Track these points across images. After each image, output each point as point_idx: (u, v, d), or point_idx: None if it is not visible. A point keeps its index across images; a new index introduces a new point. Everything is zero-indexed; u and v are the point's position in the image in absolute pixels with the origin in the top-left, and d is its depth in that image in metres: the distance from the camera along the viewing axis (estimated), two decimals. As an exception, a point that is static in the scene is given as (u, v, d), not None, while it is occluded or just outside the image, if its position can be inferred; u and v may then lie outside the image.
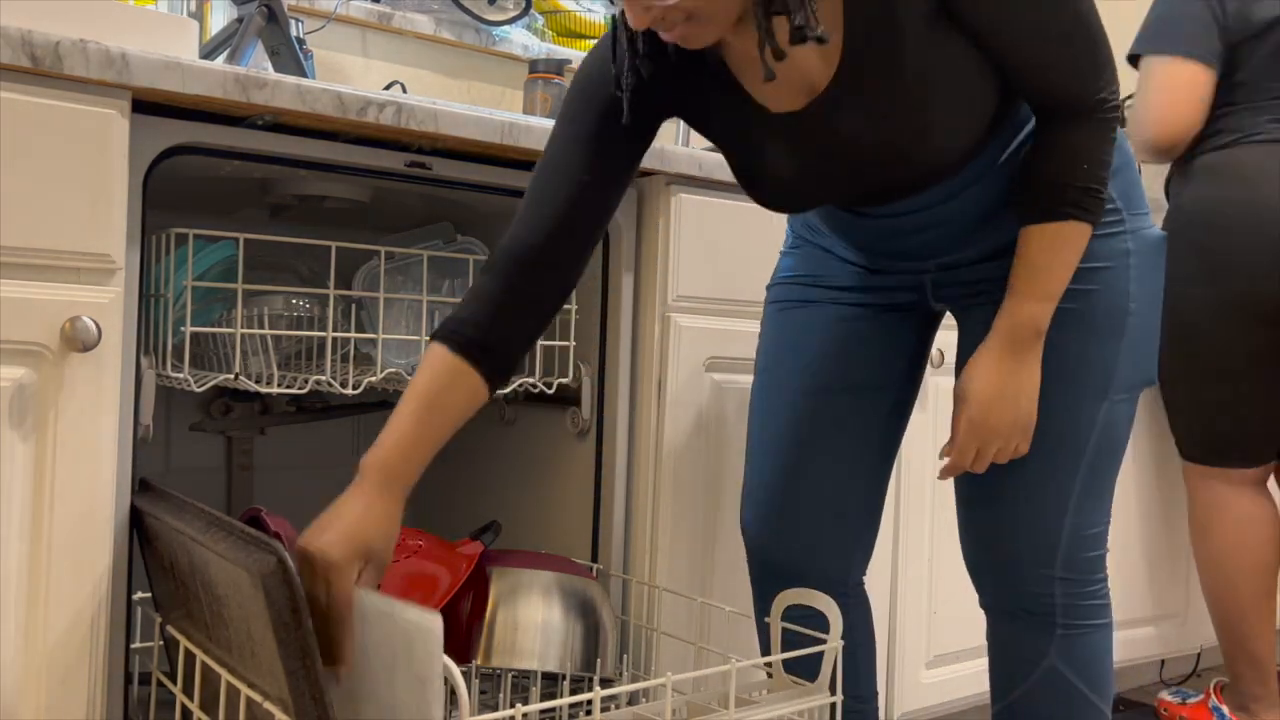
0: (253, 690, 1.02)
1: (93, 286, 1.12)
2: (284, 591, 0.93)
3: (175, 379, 1.28)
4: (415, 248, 1.47)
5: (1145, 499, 2.23)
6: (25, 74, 1.07)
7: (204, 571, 1.07)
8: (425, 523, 1.91)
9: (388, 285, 1.47)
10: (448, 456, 1.89)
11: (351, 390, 1.35)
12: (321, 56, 1.98)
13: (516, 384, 1.47)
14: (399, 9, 2.06)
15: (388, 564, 1.06)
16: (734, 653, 1.27)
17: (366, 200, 1.51)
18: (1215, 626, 2.08)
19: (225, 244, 1.34)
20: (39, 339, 1.08)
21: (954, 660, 1.89)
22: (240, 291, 1.29)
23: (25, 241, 1.07)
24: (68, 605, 1.10)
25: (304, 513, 1.85)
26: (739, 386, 1.59)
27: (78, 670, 1.11)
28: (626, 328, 1.53)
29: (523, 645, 1.28)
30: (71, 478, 1.10)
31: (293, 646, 0.94)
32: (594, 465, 1.55)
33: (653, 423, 1.52)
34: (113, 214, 1.12)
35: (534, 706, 1.01)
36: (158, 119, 1.18)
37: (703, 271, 1.54)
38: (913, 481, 1.81)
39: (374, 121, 1.27)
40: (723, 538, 1.58)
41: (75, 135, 1.09)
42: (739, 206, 1.58)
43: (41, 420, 1.09)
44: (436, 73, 2.13)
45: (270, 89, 1.20)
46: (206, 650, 1.13)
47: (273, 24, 1.57)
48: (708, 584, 1.57)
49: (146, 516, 1.16)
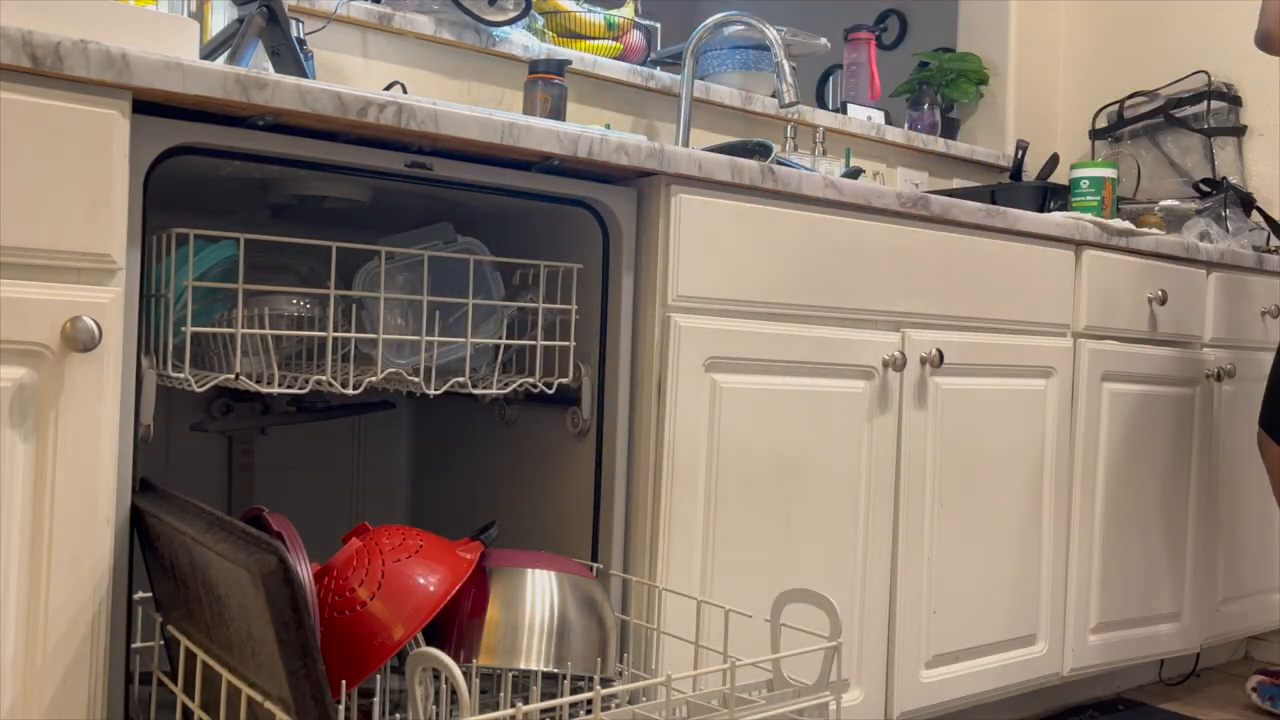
0: (254, 690, 1.02)
1: (93, 286, 1.12)
2: (285, 591, 0.93)
3: (176, 379, 1.28)
4: (415, 248, 1.47)
5: (1146, 498, 2.23)
6: (25, 74, 1.07)
7: (205, 571, 1.07)
8: (425, 523, 1.92)
9: (388, 285, 1.47)
10: (448, 456, 1.90)
11: (352, 390, 1.35)
12: (322, 57, 1.98)
13: (517, 384, 1.47)
14: (399, 9, 2.06)
15: None
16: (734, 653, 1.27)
17: (366, 200, 1.51)
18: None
19: (225, 244, 1.34)
20: (39, 339, 1.08)
21: (954, 660, 1.90)
22: (240, 291, 1.29)
23: (25, 241, 1.07)
24: (68, 605, 1.10)
25: (304, 513, 1.87)
26: (739, 387, 1.59)
27: (78, 670, 1.11)
28: (626, 328, 1.53)
29: (523, 645, 1.28)
30: (71, 478, 1.10)
31: (293, 646, 0.94)
32: (594, 465, 1.55)
33: (653, 423, 1.52)
34: (113, 214, 1.12)
35: (534, 706, 1.02)
36: (158, 119, 1.18)
37: (703, 271, 1.54)
38: (913, 480, 1.81)
39: (374, 121, 1.27)
40: (723, 537, 1.58)
41: (76, 135, 1.09)
42: (739, 206, 1.58)
43: (42, 420, 1.09)
44: (436, 73, 2.13)
45: (270, 89, 1.20)
46: (207, 650, 1.13)
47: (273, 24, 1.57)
48: (708, 584, 1.57)
49: (147, 516, 1.16)
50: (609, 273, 1.54)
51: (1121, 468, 2.18)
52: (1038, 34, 3.12)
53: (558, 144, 1.41)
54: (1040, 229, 1.99)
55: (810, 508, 1.68)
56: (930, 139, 2.90)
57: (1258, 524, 2.52)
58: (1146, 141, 2.93)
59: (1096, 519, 2.13)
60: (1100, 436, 2.14)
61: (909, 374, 1.80)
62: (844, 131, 2.71)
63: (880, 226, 1.75)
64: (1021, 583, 2.00)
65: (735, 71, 2.49)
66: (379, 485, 1.97)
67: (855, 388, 1.73)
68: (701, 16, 2.45)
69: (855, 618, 1.75)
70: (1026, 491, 2.00)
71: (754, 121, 2.60)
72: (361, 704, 1.37)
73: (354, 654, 1.18)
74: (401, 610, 1.19)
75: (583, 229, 1.57)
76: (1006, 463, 1.96)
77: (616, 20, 2.34)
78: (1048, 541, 2.04)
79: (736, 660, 1.16)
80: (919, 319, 1.82)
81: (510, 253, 1.65)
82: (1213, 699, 2.39)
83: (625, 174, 1.53)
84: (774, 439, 1.63)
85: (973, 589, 1.92)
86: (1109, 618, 2.16)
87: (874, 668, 1.78)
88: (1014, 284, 1.96)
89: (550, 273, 1.55)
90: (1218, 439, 2.40)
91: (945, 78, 3.00)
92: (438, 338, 1.43)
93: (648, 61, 2.42)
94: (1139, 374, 2.21)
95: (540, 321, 1.51)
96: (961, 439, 1.88)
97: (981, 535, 1.93)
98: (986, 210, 1.90)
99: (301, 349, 1.48)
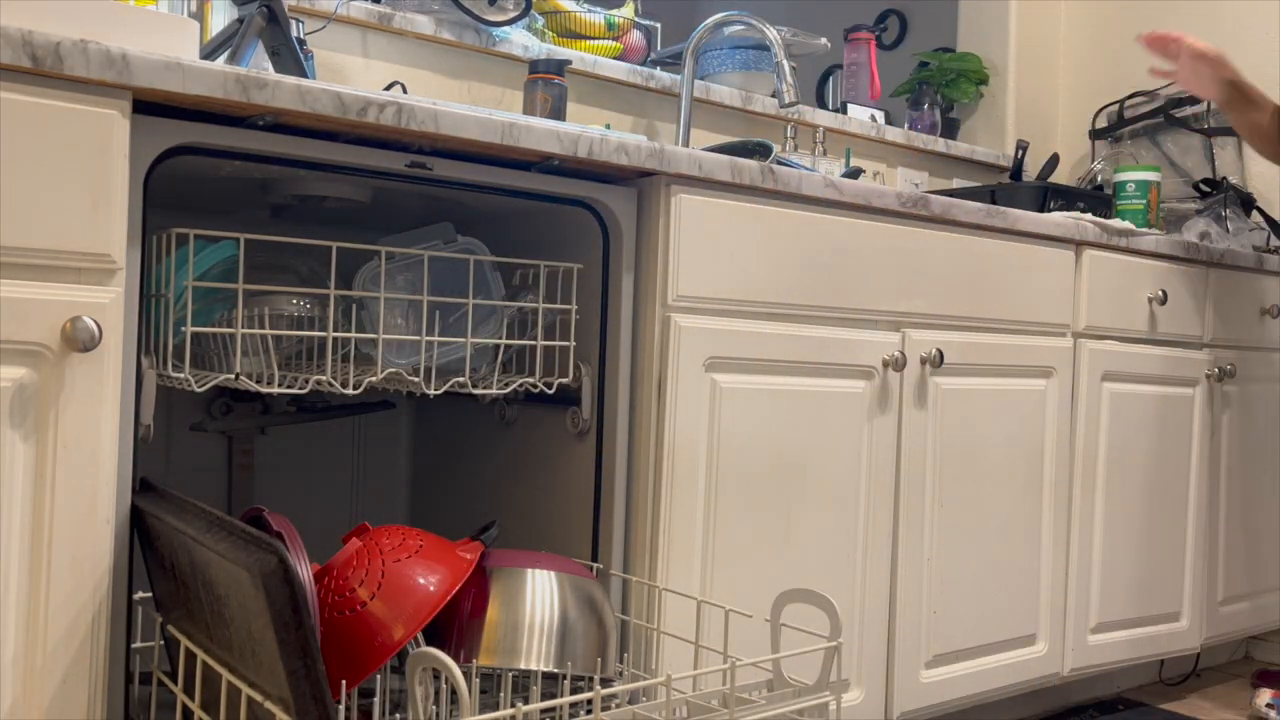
0: (254, 690, 1.02)
1: (93, 286, 1.12)
2: (285, 591, 0.93)
3: (176, 379, 1.28)
4: (415, 248, 1.47)
5: (1146, 498, 2.23)
6: (26, 74, 1.07)
7: (205, 571, 1.07)
8: (425, 523, 1.92)
9: (389, 285, 1.47)
10: (448, 456, 1.90)
11: (352, 390, 1.35)
12: (322, 57, 1.98)
13: (517, 383, 1.47)
14: (399, 9, 2.06)
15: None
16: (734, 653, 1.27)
17: (366, 200, 1.51)
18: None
19: (226, 244, 1.34)
20: (39, 339, 1.08)
21: (954, 660, 1.90)
22: (240, 291, 1.29)
23: (25, 241, 1.07)
24: (68, 605, 1.10)
25: (304, 513, 1.87)
26: (739, 386, 1.59)
27: (78, 670, 1.11)
28: (626, 328, 1.53)
29: (523, 645, 1.28)
30: (71, 478, 1.10)
31: (293, 646, 0.94)
32: (594, 465, 1.55)
33: (653, 423, 1.52)
34: (113, 214, 1.12)
35: (534, 706, 1.02)
36: (158, 119, 1.18)
37: (703, 271, 1.54)
38: (913, 480, 1.81)
39: (374, 122, 1.27)
40: (723, 537, 1.58)
41: (76, 135, 1.09)
42: (739, 206, 1.58)
43: (42, 420, 1.09)
44: (436, 73, 2.13)
45: (270, 89, 1.20)
46: (207, 650, 1.13)
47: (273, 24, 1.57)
48: (708, 584, 1.57)
49: (147, 516, 1.16)
50: (609, 273, 1.54)
51: (1121, 468, 2.18)
52: (1038, 34, 3.12)
53: (558, 144, 1.41)
54: (1040, 229, 1.99)
55: (810, 508, 1.68)
56: (930, 139, 2.90)
57: (1258, 524, 2.52)
58: (1146, 141, 2.93)
59: (1097, 519, 2.13)
60: (1100, 436, 2.14)
61: (909, 374, 1.80)
62: (844, 131, 2.71)
63: (880, 226, 1.75)
64: (1021, 583, 2.00)
65: (735, 71, 2.49)
66: (379, 485, 1.97)
67: (855, 388, 1.73)
68: (701, 16, 2.45)
69: (855, 618, 1.75)
70: (1026, 491, 2.00)
71: (754, 121, 2.60)
72: (361, 704, 1.37)
73: (354, 654, 1.18)
74: (401, 610, 1.19)
75: (583, 229, 1.57)
76: (1007, 463, 1.96)
77: (616, 20, 2.34)
78: (1048, 541, 2.04)
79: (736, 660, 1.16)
80: (919, 319, 1.82)
81: (510, 253, 1.65)
82: (1213, 699, 2.39)
83: (625, 174, 1.53)
84: (774, 439, 1.63)
85: (973, 589, 1.92)
86: (1109, 618, 2.16)
87: (874, 668, 1.78)
88: (1014, 284, 1.96)
89: (550, 273, 1.55)
90: (1218, 439, 2.40)
91: (945, 78, 3.00)
92: (438, 338, 1.43)
93: (648, 61, 2.42)
94: (1139, 374, 2.21)
95: (540, 321, 1.51)
96: (961, 439, 1.88)
97: (982, 535, 1.93)
98: (986, 210, 1.90)
99: (301, 349, 1.48)
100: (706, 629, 1.52)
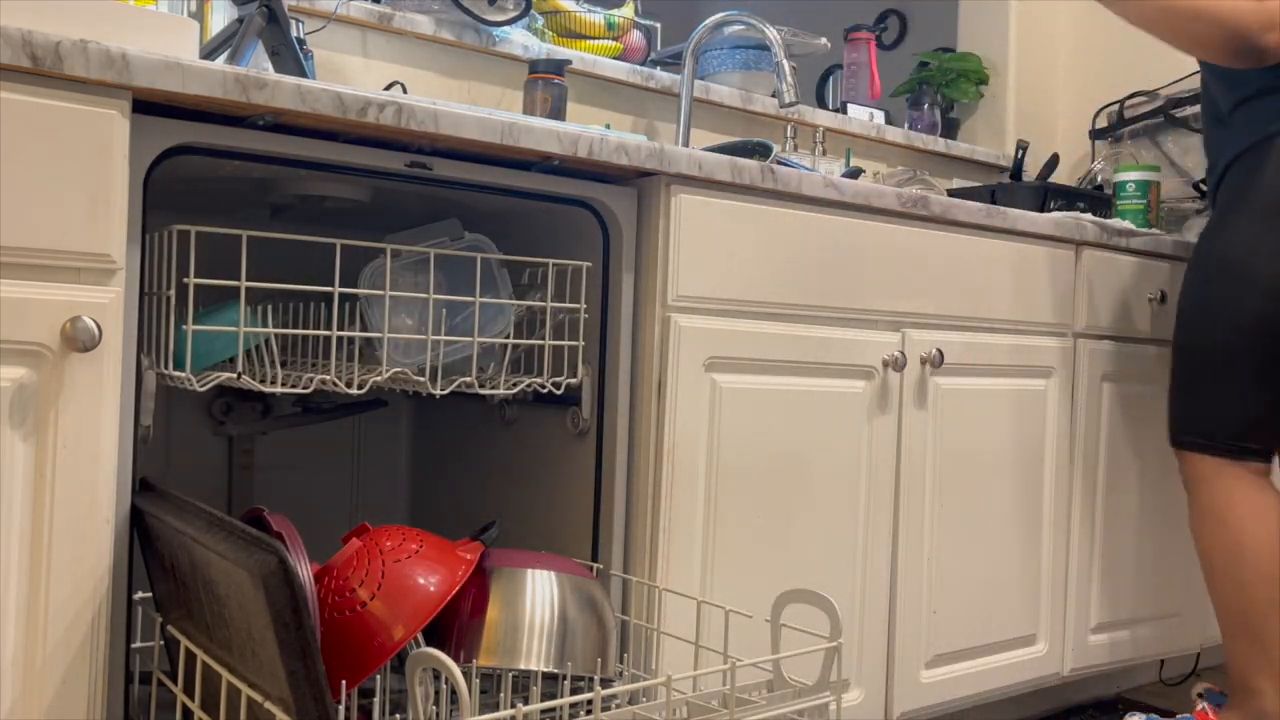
0: (254, 690, 1.02)
1: (93, 286, 1.12)
2: (285, 591, 0.93)
3: (177, 378, 1.27)
4: (422, 245, 1.46)
5: (1145, 498, 2.23)
6: (25, 74, 1.07)
7: (205, 571, 1.07)
8: (425, 523, 1.92)
9: (395, 283, 1.46)
10: (448, 456, 1.90)
11: (356, 390, 1.34)
12: (321, 57, 1.98)
13: (525, 384, 1.47)
14: (399, 9, 2.06)
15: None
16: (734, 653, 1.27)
17: (367, 200, 1.51)
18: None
19: (232, 304, 1.33)
20: (39, 339, 1.08)
21: (954, 660, 1.90)
22: (243, 289, 1.29)
23: (25, 241, 1.07)
24: (68, 605, 1.10)
25: (304, 513, 1.87)
26: (739, 387, 1.59)
27: (78, 670, 1.11)
28: (626, 327, 1.53)
29: (523, 645, 1.28)
30: (71, 478, 1.10)
31: (293, 646, 0.94)
32: (594, 465, 1.55)
33: (653, 423, 1.52)
34: (113, 214, 1.12)
35: (534, 706, 1.02)
36: (158, 119, 1.18)
37: (703, 271, 1.54)
38: (913, 480, 1.81)
39: (374, 121, 1.27)
40: (723, 537, 1.58)
41: (75, 135, 1.09)
42: (739, 206, 1.58)
43: (41, 420, 1.09)
44: (436, 73, 2.13)
45: (270, 89, 1.20)
46: (207, 650, 1.13)
47: (273, 24, 1.57)
48: (708, 584, 1.57)
49: (147, 516, 1.16)
50: (609, 273, 1.54)
51: (1121, 468, 2.18)
52: (1038, 34, 3.12)
53: (558, 144, 1.41)
54: (1040, 229, 1.99)
55: (810, 508, 1.68)
56: (930, 139, 2.90)
57: (1258, 524, 2.52)
58: (1146, 141, 2.92)
59: (1097, 519, 2.13)
60: (1100, 436, 2.14)
61: (909, 374, 1.80)
62: (844, 131, 2.71)
63: (880, 226, 1.75)
64: (1022, 582, 2.00)
65: (735, 71, 2.49)
66: (379, 485, 1.96)
67: (855, 388, 1.73)
68: (701, 16, 2.45)
69: (855, 618, 1.75)
70: (1027, 491, 2.00)
71: (754, 121, 2.60)
72: (361, 704, 1.37)
73: (354, 654, 1.18)
74: (401, 610, 1.19)
75: (583, 229, 1.57)
76: (1006, 463, 1.96)
77: (616, 20, 2.34)
78: (1048, 541, 2.04)
79: (737, 660, 1.16)
80: (919, 319, 1.82)
81: (510, 253, 1.65)
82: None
83: (625, 174, 1.53)
84: (774, 439, 1.63)
85: (973, 589, 1.92)
86: (1109, 618, 2.16)
87: (874, 668, 1.78)
88: (1014, 284, 1.96)
89: (559, 271, 1.55)
90: (1218, 439, 2.39)
91: (945, 78, 3.00)
92: (444, 336, 1.43)
93: (648, 61, 2.42)
94: (1139, 374, 2.21)
95: (549, 320, 1.51)
96: (962, 439, 1.88)
97: (982, 535, 1.93)
98: (986, 210, 1.90)
99: (305, 348, 1.48)
100: (706, 629, 1.52)
